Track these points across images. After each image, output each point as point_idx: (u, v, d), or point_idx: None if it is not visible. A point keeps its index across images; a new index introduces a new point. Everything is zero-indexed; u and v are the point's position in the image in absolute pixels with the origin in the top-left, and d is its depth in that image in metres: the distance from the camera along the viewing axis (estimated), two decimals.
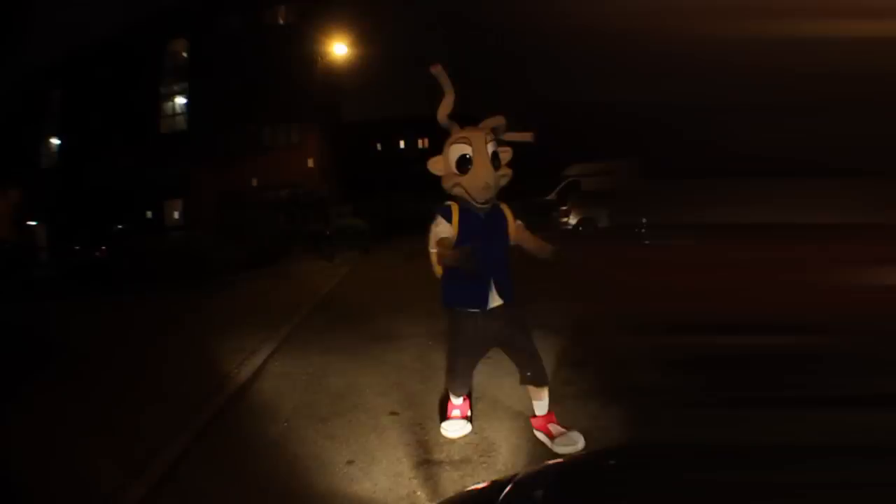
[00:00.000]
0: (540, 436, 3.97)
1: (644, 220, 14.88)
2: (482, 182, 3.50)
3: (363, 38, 37.44)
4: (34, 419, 5.39)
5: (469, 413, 4.29)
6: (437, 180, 3.82)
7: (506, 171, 3.68)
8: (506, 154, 3.72)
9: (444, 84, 3.66)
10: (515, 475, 1.48)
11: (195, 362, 7.02)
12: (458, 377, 4.02)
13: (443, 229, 3.67)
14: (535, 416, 4.04)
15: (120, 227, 29.63)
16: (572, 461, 2.07)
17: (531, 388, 3.97)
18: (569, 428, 3.88)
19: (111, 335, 9.60)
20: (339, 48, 25.48)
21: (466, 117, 3.84)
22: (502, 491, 1.37)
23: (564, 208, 21.78)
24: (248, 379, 6.21)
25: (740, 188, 6.68)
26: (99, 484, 3.82)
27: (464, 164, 3.55)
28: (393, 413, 4.85)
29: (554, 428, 3.91)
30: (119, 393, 6.04)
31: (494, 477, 2.10)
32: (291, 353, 7.43)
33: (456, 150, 3.60)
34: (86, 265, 20.18)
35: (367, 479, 3.69)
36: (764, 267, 5.77)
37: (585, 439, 3.73)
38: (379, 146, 55.20)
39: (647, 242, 14.60)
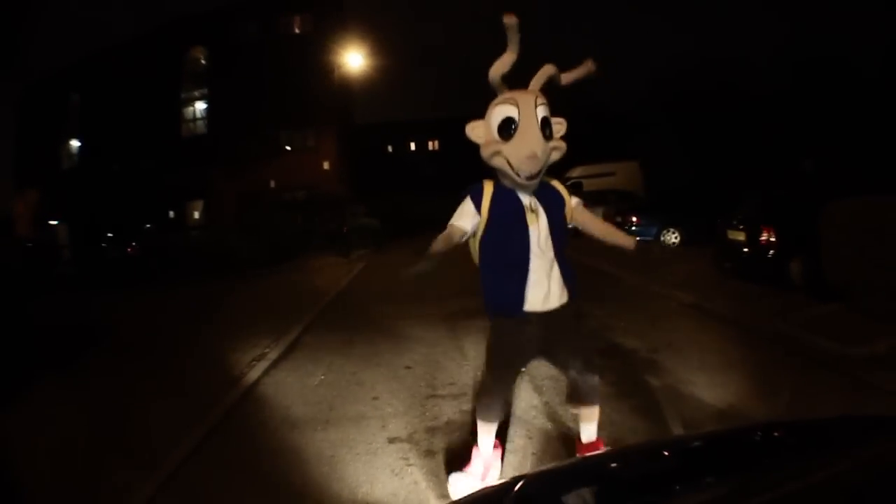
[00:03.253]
0: None
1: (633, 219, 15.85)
2: (528, 149, 2.81)
3: (375, 43, 38.43)
4: (104, 381, 6.67)
5: (493, 468, 3.47)
6: (445, 181, 3.11)
7: (558, 144, 2.96)
8: (559, 126, 3.04)
9: (511, 40, 2.87)
10: (524, 476, 1.46)
11: (237, 339, 8.07)
12: (493, 401, 3.28)
13: (465, 214, 3.06)
14: (580, 441, 3.54)
15: (148, 226, 30.67)
16: (581, 462, 1.98)
17: (580, 409, 3.45)
18: None
19: (156, 321, 10.76)
20: (352, 56, 26.46)
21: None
22: (511, 491, 1.37)
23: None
24: (285, 349, 7.44)
25: None
26: (186, 411, 5.08)
27: (507, 128, 2.87)
28: (407, 367, 6.13)
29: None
30: (174, 364, 7.23)
31: None
32: (320, 330, 8.67)
33: (500, 112, 2.90)
34: (118, 261, 21.12)
35: (389, 406, 4.98)
36: None
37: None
38: (390, 148, 55.83)
39: (638, 239, 15.54)
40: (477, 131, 3.01)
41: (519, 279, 3.00)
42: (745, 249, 9.60)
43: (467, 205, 3.05)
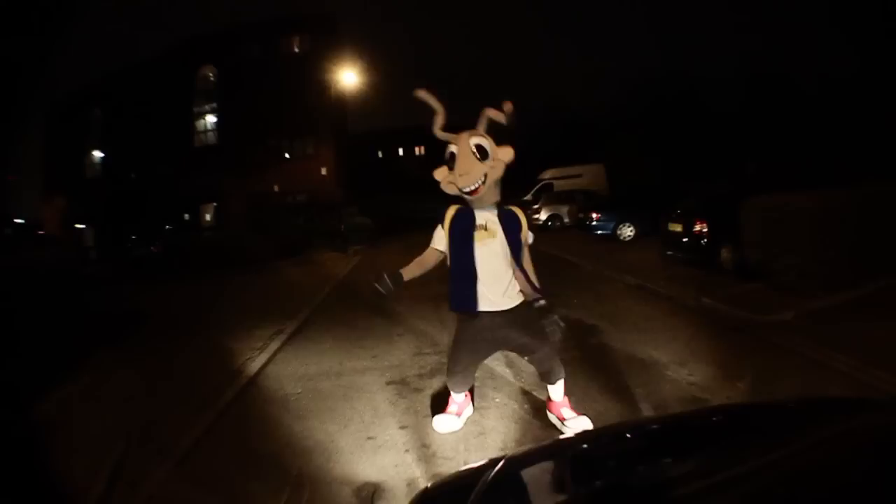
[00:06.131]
0: (552, 418, 3.96)
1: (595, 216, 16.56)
2: (462, 169, 3.26)
3: (366, 59, 39.00)
4: (166, 346, 7.49)
5: (467, 409, 4.08)
6: (429, 183, 3.21)
7: (493, 163, 3.33)
8: (505, 153, 3.39)
9: (432, 104, 3.47)
10: (504, 456, 1.47)
11: (257, 318, 8.79)
12: (457, 376, 3.81)
13: (437, 236, 3.59)
14: (550, 400, 3.97)
15: (168, 227, 31.17)
16: (559, 443, 2.00)
17: (547, 386, 3.91)
18: (579, 413, 3.88)
19: (185, 307, 11.39)
20: (345, 72, 27.12)
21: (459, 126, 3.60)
22: (492, 470, 1.38)
23: (536, 206, 23.10)
24: (299, 325, 8.26)
25: None
26: (233, 360, 5.90)
27: (451, 160, 3.35)
28: (399, 334, 7.02)
29: (566, 412, 3.87)
30: (208, 338, 7.96)
31: None
32: (326, 311, 9.52)
33: (447, 152, 3.40)
34: (142, 259, 21.55)
35: (385, 361, 5.90)
36: None
37: None
38: (380, 154, 56.39)
39: (598, 233, 16.29)
40: (439, 173, 3.47)
41: (470, 283, 3.44)
42: (684, 239, 10.24)
43: (438, 229, 3.58)
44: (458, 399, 3.97)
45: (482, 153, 3.27)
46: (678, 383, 4.60)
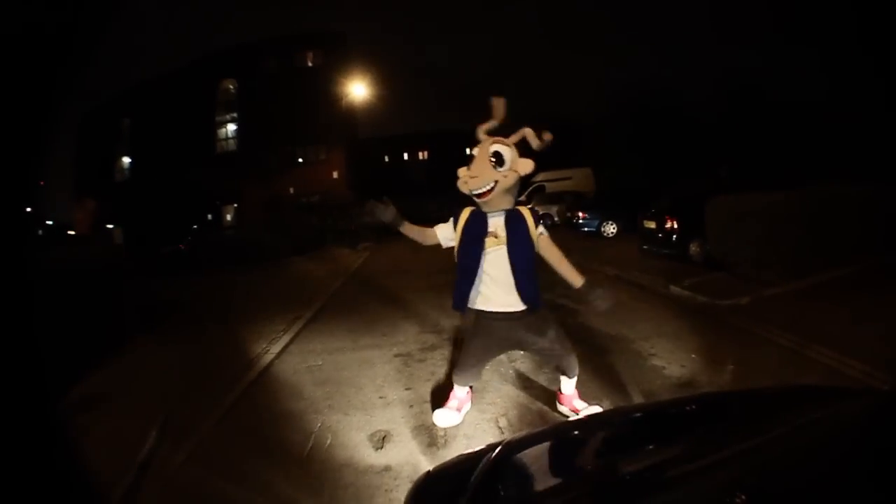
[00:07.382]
0: (563, 410, 3.80)
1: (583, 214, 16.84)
2: (473, 172, 3.10)
3: (374, 70, 39.33)
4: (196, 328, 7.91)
5: (466, 404, 3.82)
6: (433, 185, 3.34)
7: (506, 172, 3.13)
8: (524, 165, 3.24)
9: (497, 111, 3.27)
10: (501, 442, 1.45)
11: (279, 306, 9.19)
12: (467, 371, 3.59)
13: (444, 228, 3.42)
14: (560, 392, 3.81)
15: (195, 226, 31.53)
16: (554, 429, 1.95)
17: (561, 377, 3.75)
18: (590, 403, 3.76)
19: (213, 297, 11.78)
20: (355, 83, 27.47)
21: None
22: (490, 455, 1.37)
23: (529, 207, 22.85)
24: (316, 311, 8.68)
25: None
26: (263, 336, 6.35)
27: (470, 161, 3.21)
28: (405, 317, 7.45)
29: (578, 404, 3.72)
30: (237, 324, 8.35)
31: None
32: (340, 299, 9.93)
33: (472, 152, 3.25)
34: (172, 256, 21.81)
35: (395, 337, 6.37)
36: None
37: None
38: (387, 158, 56.58)
39: (584, 230, 16.60)
40: (462, 171, 3.23)
41: (470, 285, 3.25)
42: (658, 235, 10.60)
43: (448, 224, 3.38)
44: (459, 394, 3.73)
45: (498, 160, 3.12)
46: (641, 354, 5.08)
